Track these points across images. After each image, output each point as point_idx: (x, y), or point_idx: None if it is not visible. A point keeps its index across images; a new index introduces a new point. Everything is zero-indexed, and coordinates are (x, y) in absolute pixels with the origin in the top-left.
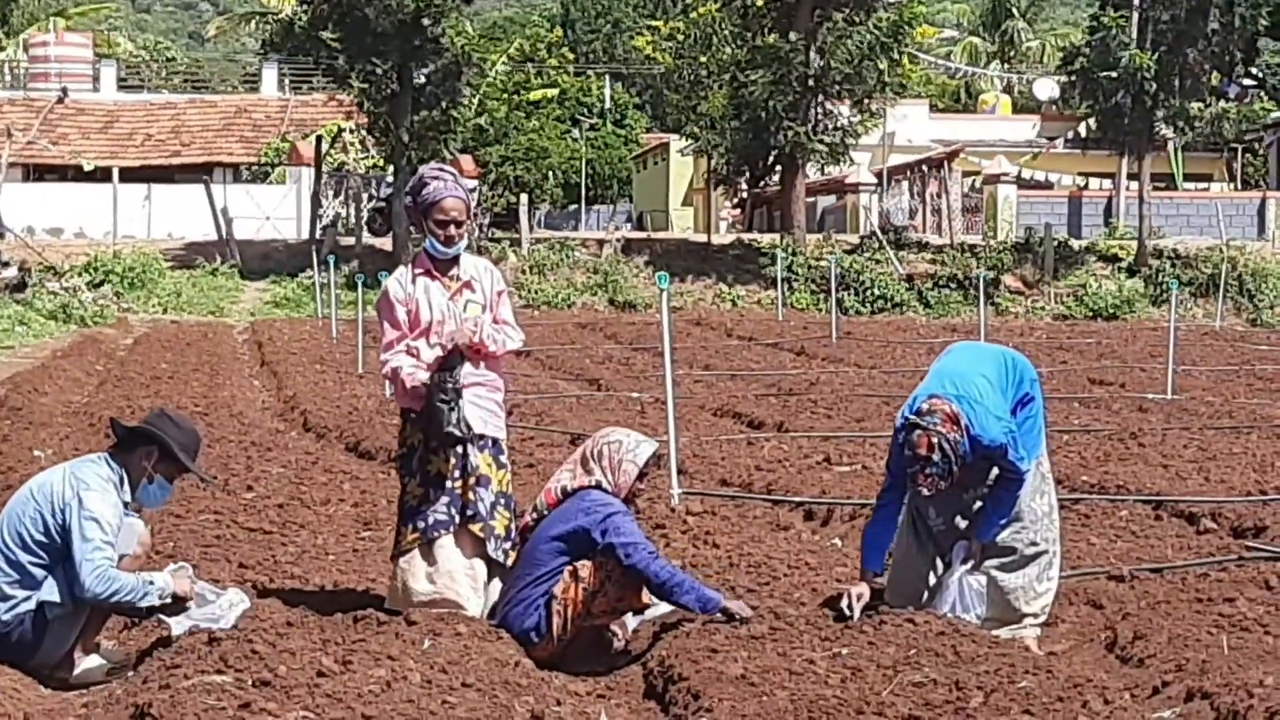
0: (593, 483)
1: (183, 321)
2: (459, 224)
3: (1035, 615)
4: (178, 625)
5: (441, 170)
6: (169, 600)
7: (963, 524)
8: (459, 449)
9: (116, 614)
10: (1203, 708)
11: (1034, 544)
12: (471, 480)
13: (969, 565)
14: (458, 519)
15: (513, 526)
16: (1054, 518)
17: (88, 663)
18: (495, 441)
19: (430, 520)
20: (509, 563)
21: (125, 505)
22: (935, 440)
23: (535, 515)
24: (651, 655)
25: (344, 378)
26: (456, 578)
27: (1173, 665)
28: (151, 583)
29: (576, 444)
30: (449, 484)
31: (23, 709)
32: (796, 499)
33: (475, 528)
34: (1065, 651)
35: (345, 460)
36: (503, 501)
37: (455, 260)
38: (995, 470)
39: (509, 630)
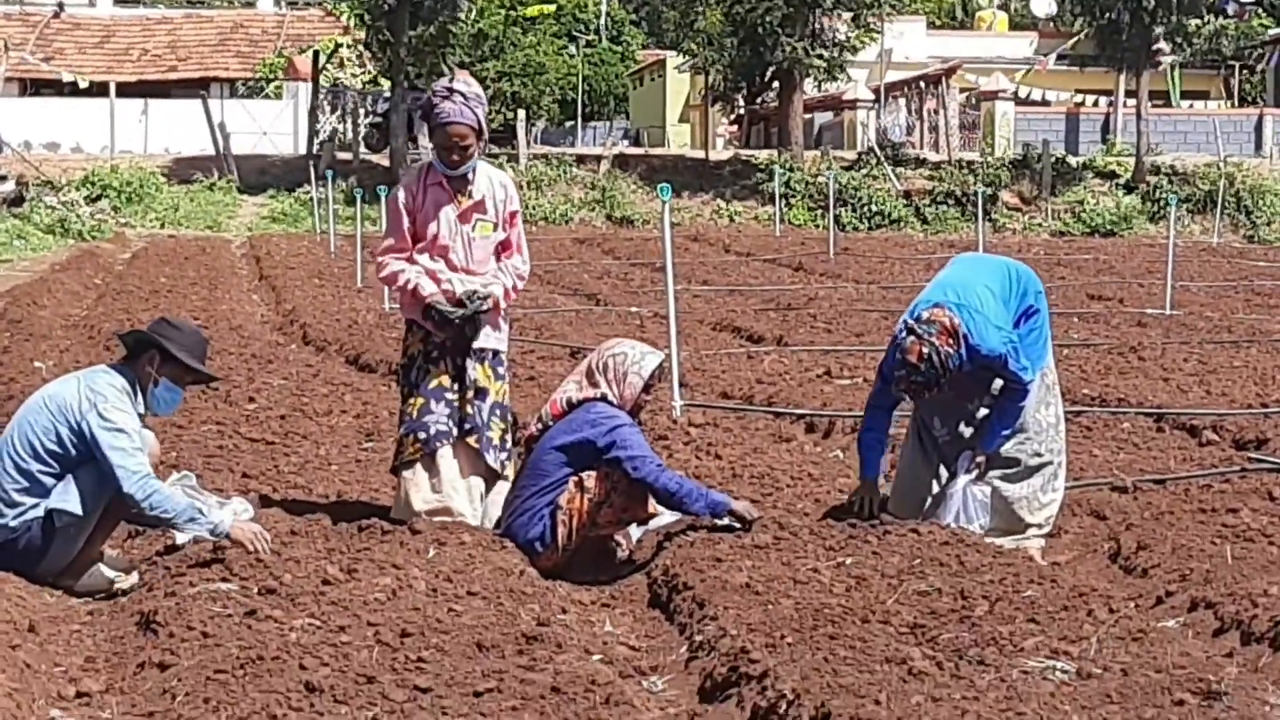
0: (598, 395)
1: (180, 236)
2: (465, 148)
3: (1039, 526)
4: (182, 535)
5: (452, 90)
6: (222, 539)
7: (967, 433)
8: (458, 360)
9: (139, 524)
10: (1206, 617)
11: (1038, 455)
12: (470, 393)
13: (973, 475)
14: (456, 431)
15: (508, 437)
16: (1060, 429)
17: (94, 571)
18: (495, 354)
19: (432, 431)
20: (508, 473)
21: (140, 416)
22: (927, 351)
23: (540, 426)
24: (656, 564)
25: (343, 292)
26: (457, 488)
27: (1176, 575)
28: (203, 514)
29: (577, 357)
30: (449, 395)
31: (28, 616)
32: (798, 411)
33: (472, 440)
34: (1069, 562)
35: (346, 373)
36: (499, 412)
37: (468, 176)
38: (999, 381)
39: (513, 540)
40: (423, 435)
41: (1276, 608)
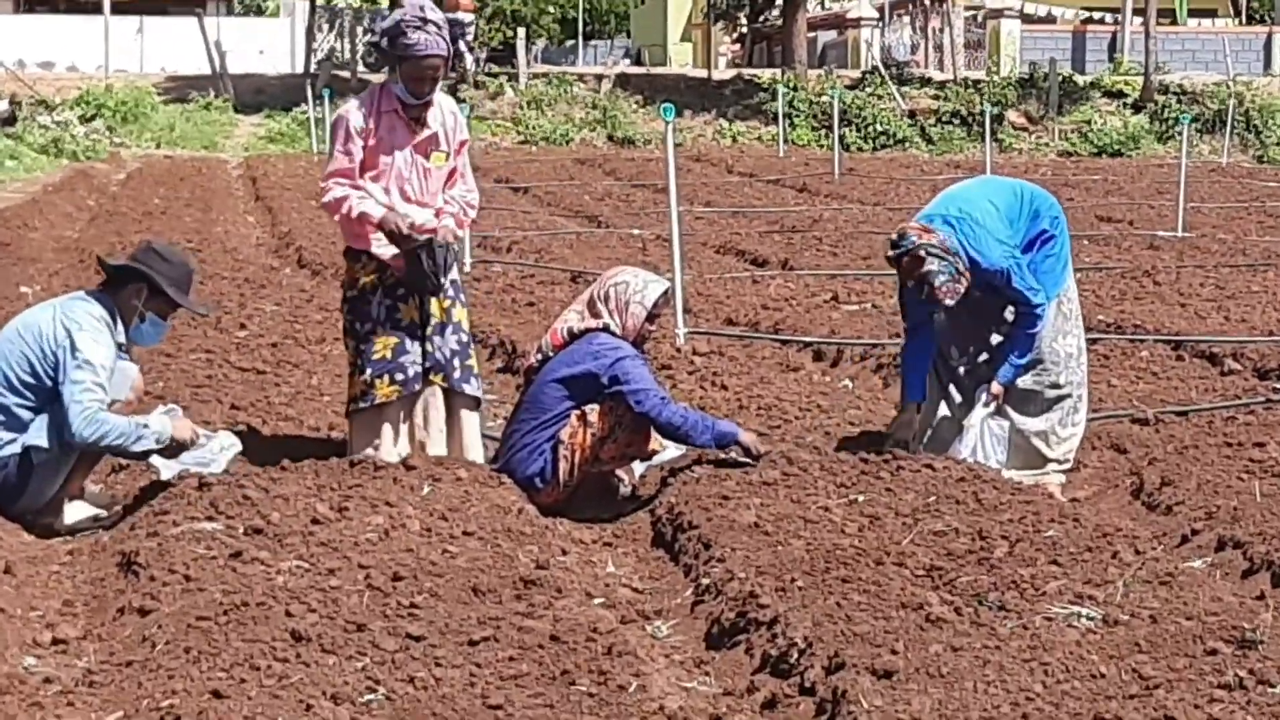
0: (600, 325)
1: (176, 157)
2: (435, 80)
3: (1059, 461)
4: (167, 469)
5: (425, 20)
6: (166, 445)
7: (983, 360)
8: (419, 295)
9: (112, 455)
10: (1235, 557)
11: (1056, 386)
12: (429, 328)
13: (990, 410)
14: (425, 369)
15: (473, 363)
16: (1081, 361)
17: (74, 509)
18: (454, 282)
19: (410, 373)
20: (479, 394)
21: (120, 346)
22: (921, 253)
23: (540, 357)
24: (660, 502)
25: (318, 197)
26: (441, 430)
27: (1202, 513)
28: (145, 426)
29: (578, 282)
30: (421, 332)
31: (4, 557)
32: (805, 339)
33: (438, 378)
34: (1090, 498)
35: (340, 297)
36: (462, 337)
37: (426, 105)
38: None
39: (512, 476)
40: (400, 377)
41: None
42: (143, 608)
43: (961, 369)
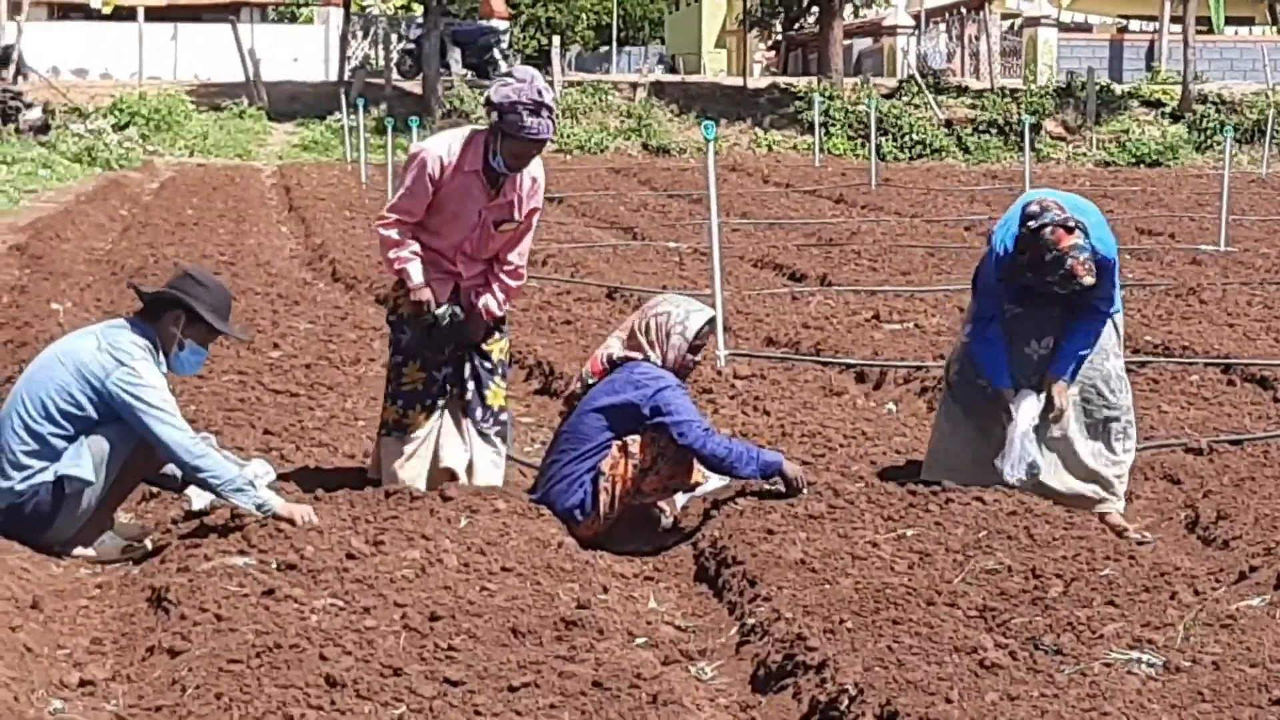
0: (641, 357)
1: (209, 165)
2: (535, 156)
3: (1111, 484)
4: (199, 499)
5: (540, 104)
6: (268, 517)
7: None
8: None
9: (153, 484)
10: None
11: (1107, 407)
12: (468, 365)
13: (1031, 423)
14: (451, 400)
15: (493, 398)
16: (1126, 384)
17: (104, 540)
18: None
19: (440, 403)
20: (499, 439)
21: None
22: (1071, 224)
23: (581, 385)
24: (702, 535)
25: (374, 225)
26: (459, 459)
27: (1260, 548)
28: (251, 484)
29: (614, 298)
30: (453, 363)
31: (32, 591)
32: (847, 360)
33: (467, 420)
34: (1142, 531)
35: (375, 314)
36: (500, 373)
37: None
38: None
39: (551, 507)
40: (429, 402)
41: None
42: (173, 648)
43: (1036, 355)
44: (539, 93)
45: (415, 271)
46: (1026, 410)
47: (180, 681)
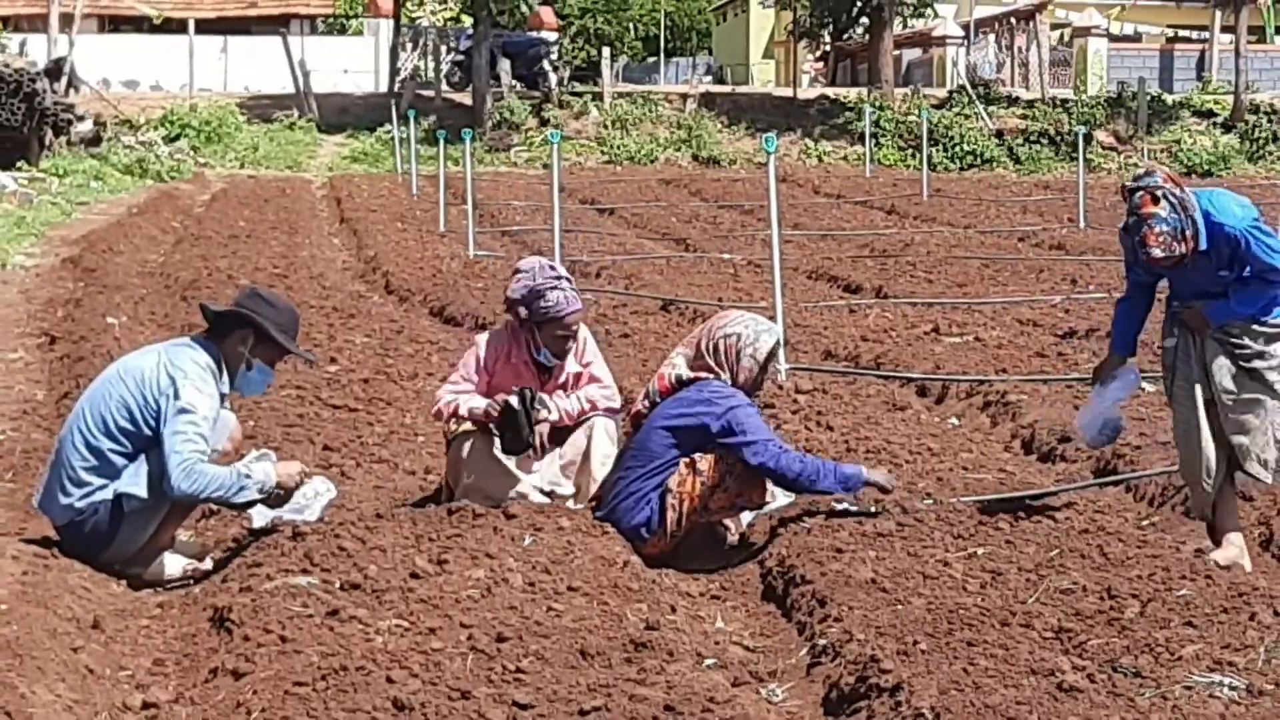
0: (711, 378)
1: (260, 177)
2: (575, 334)
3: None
4: (260, 516)
5: (559, 277)
6: (271, 494)
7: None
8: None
9: (216, 505)
10: None
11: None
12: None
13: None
14: None
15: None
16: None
17: (165, 559)
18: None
19: None
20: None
21: (223, 396)
22: (1159, 194)
23: (647, 403)
24: (770, 553)
25: (425, 236)
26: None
27: None
28: (248, 476)
29: (669, 310)
30: None
31: (93, 610)
32: (910, 375)
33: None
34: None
35: (431, 327)
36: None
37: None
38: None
39: (616, 525)
40: None
41: None
42: (236, 670)
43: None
44: (550, 269)
45: (472, 401)
46: (1125, 383)
47: (245, 704)
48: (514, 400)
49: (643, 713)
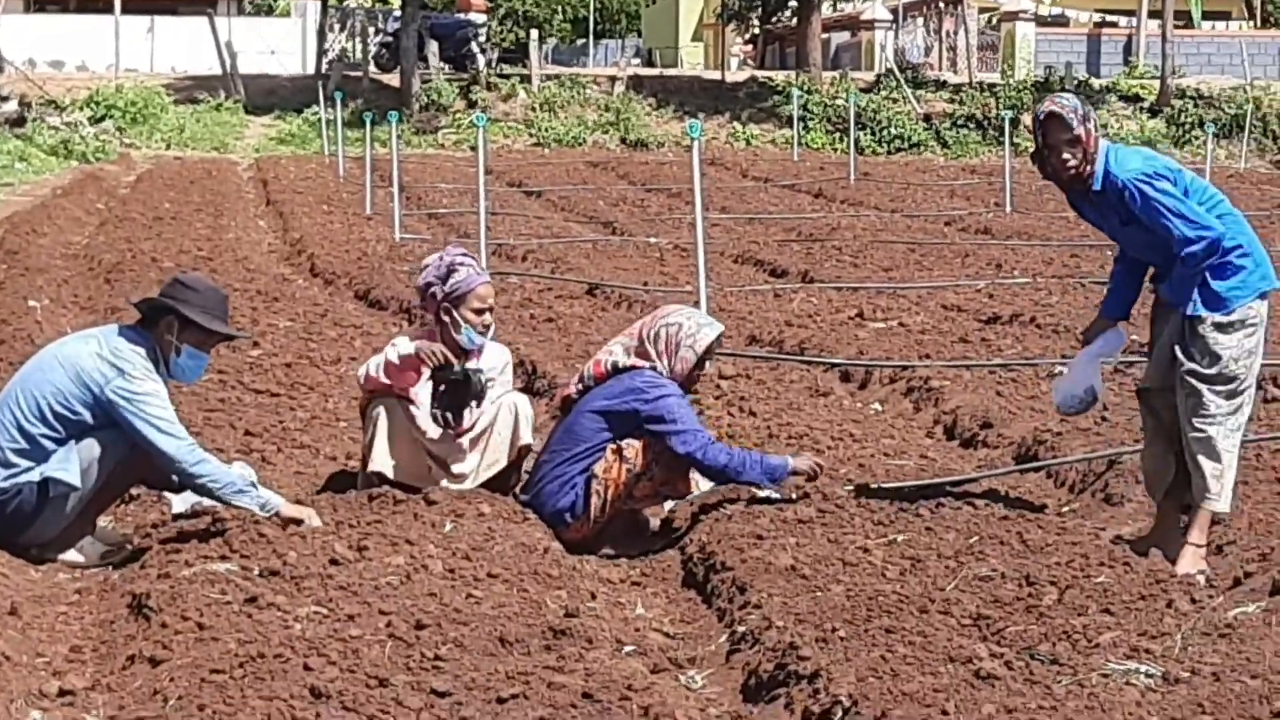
0: (648, 366)
1: (186, 158)
2: (492, 310)
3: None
4: (180, 502)
5: (465, 255)
6: (271, 518)
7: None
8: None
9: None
10: None
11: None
12: None
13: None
14: None
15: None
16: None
17: (83, 545)
18: None
19: None
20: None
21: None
22: (1062, 100)
23: (580, 386)
24: (690, 539)
25: (352, 219)
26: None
27: (1255, 554)
28: (254, 486)
29: (595, 295)
30: None
31: (10, 596)
32: (833, 360)
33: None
34: (1135, 534)
35: (355, 311)
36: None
37: (468, 352)
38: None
39: (540, 509)
40: None
41: None
42: (154, 657)
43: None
44: (462, 251)
45: (404, 347)
46: (1107, 341)
47: (162, 692)
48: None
49: (561, 700)
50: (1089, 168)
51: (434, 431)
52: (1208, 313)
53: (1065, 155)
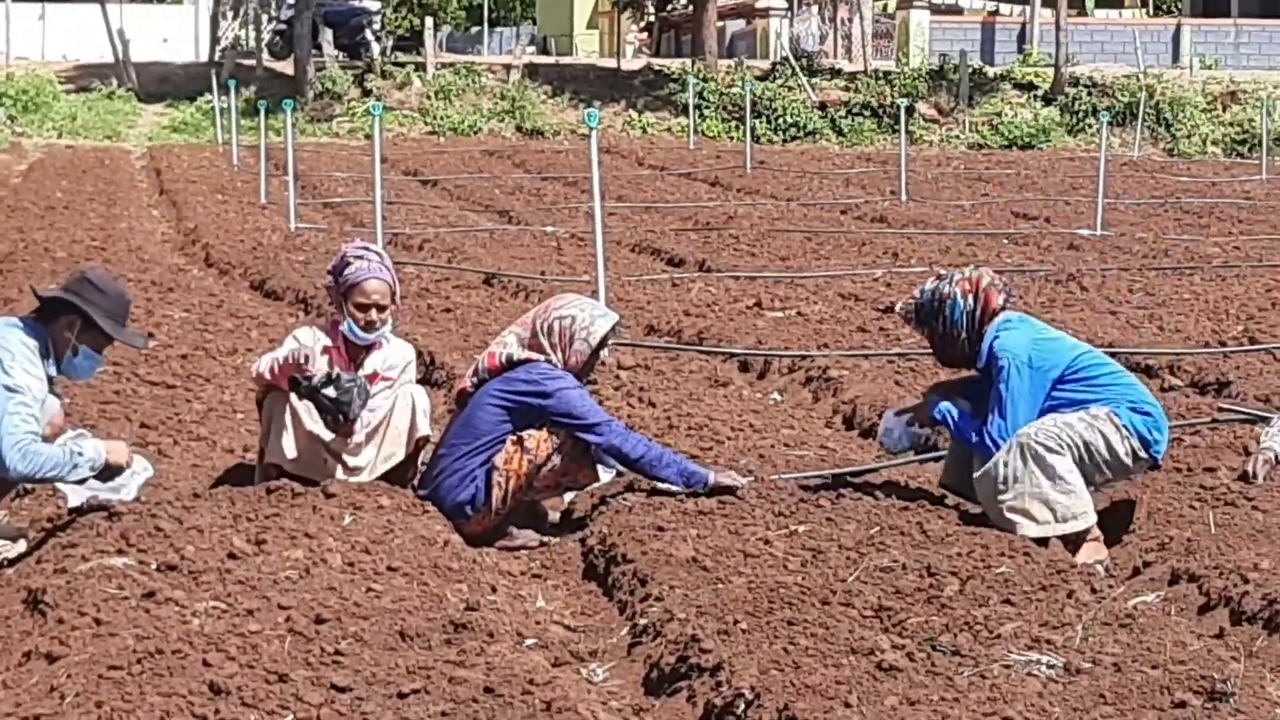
0: (542, 359)
1: (78, 146)
2: (381, 308)
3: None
4: (75, 495)
5: (367, 249)
6: (101, 470)
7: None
8: None
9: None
10: (1190, 591)
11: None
12: None
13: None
14: None
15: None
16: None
17: None
18: None
19: None
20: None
21: (51, 380)
22: (907, 302)
23: (475, 380)
24: (591, 531)
25: (246, 208)
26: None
27: (1154, 544)
28: (80, 454)
29: (491, 284)
30: None
31: None
32: (732, 350)
33: None
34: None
35: (251, 301)
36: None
37: (370, 347)
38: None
39: (439, 503)
40: None
41: (1270, 584)
42: (50, 653)
43: None
44: (365, 245)
45: (281, 353)
46: (901, 437)
47: (59, 689)
48: (330, 390)
49: (463, 695)
50: (955, 350)
51: (325, 429)
52: None
53: (930, 345)
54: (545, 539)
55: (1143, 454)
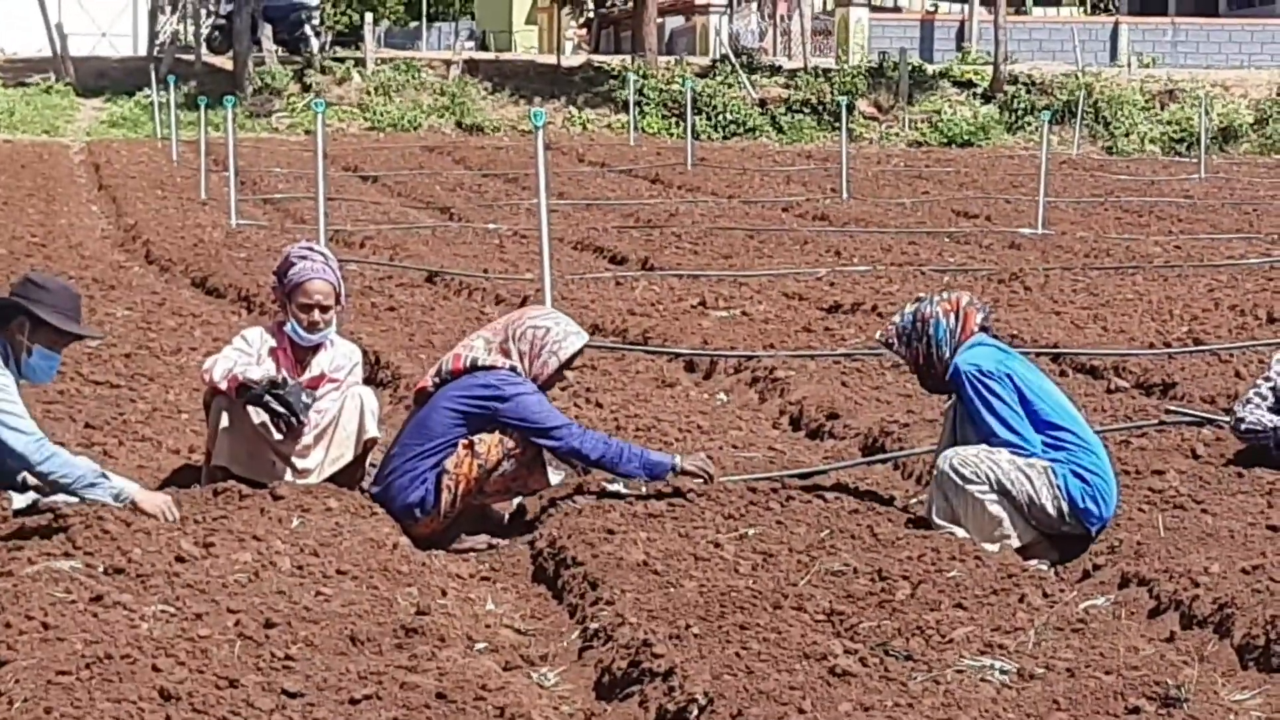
0: (507, 366)
1: (15, 141)
2: (325, 309)
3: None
4: (20, 498)
5: (311, 250)
6: (126, 506)
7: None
8: None
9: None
10: (1140, 595)
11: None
12: None
13: None
14: None
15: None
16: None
17: None
18: None
19: None
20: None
21: (16, 385)
22: (887, 328)
23: (437, 379)
24: (540, 534)
25: (186, 204)
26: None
27: (1103, 547)
28: (105, 476)
29: (435, 282)
30: None
31: None
32: (677, 350)
33: None
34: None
35: (193, 299)
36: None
37: (316, 348)
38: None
39: (389, 504)
40: None
41: (1220, 588)
42: None
43: None
44: (310, 245)
45: (249, 373)
46: None
47: (7, 694)
48: (273, 402)
49: (415, 701)
50: (939, 371)
51: (276, 433)
52: None
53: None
54: (495, 541)
55: (1070, 520)
